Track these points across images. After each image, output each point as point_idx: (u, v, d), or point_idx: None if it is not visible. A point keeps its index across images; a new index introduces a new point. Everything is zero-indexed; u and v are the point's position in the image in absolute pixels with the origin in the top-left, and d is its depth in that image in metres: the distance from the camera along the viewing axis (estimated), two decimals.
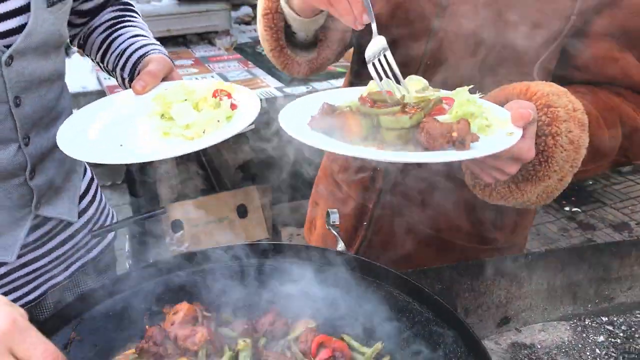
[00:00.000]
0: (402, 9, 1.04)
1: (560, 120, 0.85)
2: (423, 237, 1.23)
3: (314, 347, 0.77)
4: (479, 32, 0.98)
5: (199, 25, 2.62)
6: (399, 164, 1.15)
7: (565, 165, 0.87)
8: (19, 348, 0.60)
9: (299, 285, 0.88)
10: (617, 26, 0.97)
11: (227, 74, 2.29)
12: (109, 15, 1.21)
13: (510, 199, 0.93)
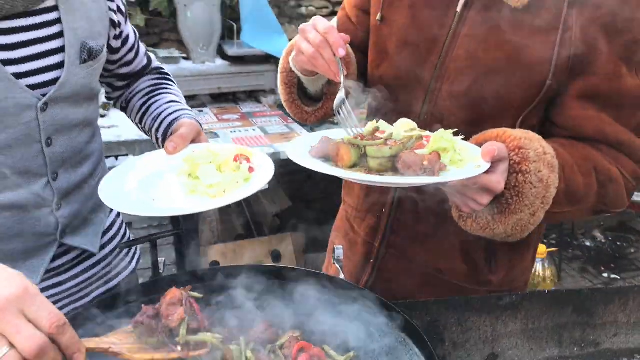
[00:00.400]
0: (404, 73, 1.20)
1: (530, 161, 0.98)
2: (424, 277, 1.34)
3: (294, 351, 0.89)
4: (468, 93, 1.12)
5: (247, 84, 2.89)
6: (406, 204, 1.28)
7: (536, 201, 1.00)
8: (30, 310, 0.69)
9: (293, 302, 1.01)
10: (591, 90, 1.09)
11: (267, 128, 2.52)
12: (148, 82, 1.38)
13: (488, 230, 1.06)
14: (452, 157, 0.95)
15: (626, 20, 1.08)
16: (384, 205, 1.32)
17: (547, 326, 1.21)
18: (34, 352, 0.68)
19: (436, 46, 1.16)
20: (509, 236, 1.07)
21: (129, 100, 1.38)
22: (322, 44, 1.06)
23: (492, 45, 1.11)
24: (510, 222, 1.03)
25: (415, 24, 1.19)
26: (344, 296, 1.02)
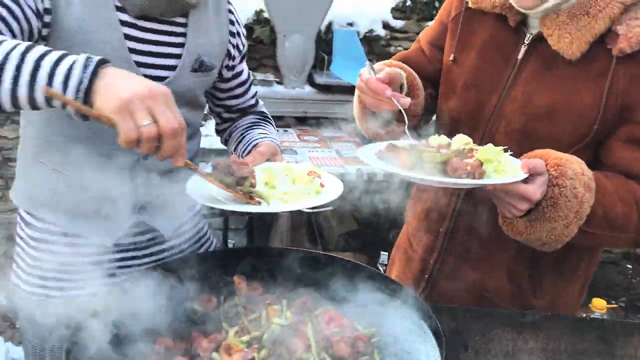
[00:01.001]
0: (468, 109, 1.36)
1: (567, 177, 1.11)
2: (471, 296, 1.44)
3: (326, 319, 1.06)
4: (522, 131, 1.25)
5: (331, 112, 3.11)
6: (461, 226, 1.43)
7: (570, 214, 1.12)
8: (171, 106, 0.89)
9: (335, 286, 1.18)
10: (637, 135, 1.20)
11: (342, 151, 2.72)
12: (249, 119, 1.52)
13: (525, 234, 1.18)
14: (496, 167, 1.10)
15: None
16: (442, 225, 1.46)
17: (566, 349, 1.29)
18: (170, 131, 0.87)
19: (497, 88, 1.31)
20: (544, 244, 1.19)
21: (230, 133, 1.53)
22: (374, 94, 1.23)
23: (546, 90, 1.24)
24: (544, 230, 1.15)
25: (481, 68, 1.34)
26: (382, 288, 1.18)
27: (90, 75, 0.87)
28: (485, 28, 1.36)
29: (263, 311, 1.08)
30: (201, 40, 1.29)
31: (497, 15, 1.33)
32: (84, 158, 1.21)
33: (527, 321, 1.30)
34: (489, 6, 1.33)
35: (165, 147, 0.89)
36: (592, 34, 1.18)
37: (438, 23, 1.51)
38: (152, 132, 0.86)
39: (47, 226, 1.30)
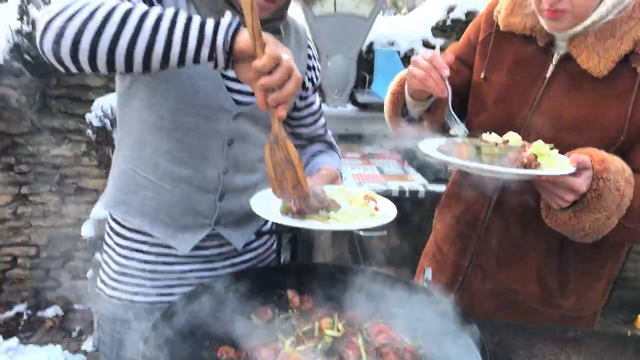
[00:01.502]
0: (499, 124, 1.43)
1: (610, 171, 1.19)
2: (502, 296, 1.52)
3: (375, 331, 1.13)
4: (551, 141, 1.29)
5: (372, 129, 3.19)
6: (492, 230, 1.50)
7: (612, 205, 1.20)
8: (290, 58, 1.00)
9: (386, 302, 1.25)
10: None
11: (384, 168, 2.79)
12: (316, 148, 1.60)
13: (569, 225, 1.26)
14: (547, 161, 1.19)
15: None
16: (474, 229, 1.54)
17: None
18: (299, 76, 1.01)
19: (527, 104, 1.40)
20: (586, 234, 1.26)
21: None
22: (430, 67, 1.31)
23: (573, 106, 1.33)
24: (588, 220, 1.22)
25: (511, 85, 1.44)
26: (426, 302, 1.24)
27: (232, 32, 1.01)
28: (515, 48, 1.45)
29: (316, 323, 1.16)
30: None
31: (525, 37, 1.42)
32: (173, 169, 1.33)
33: (569, 337, 1.34)
34: (520, 29, 1.43)
35: (290, 85, 1.01)
36: (618, 54, 1.27)
37: (466, 41, 1.61)
38: (290, 64, 1.00)
39: (134, 235, 1.41)
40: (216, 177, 1.38)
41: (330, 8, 3.10)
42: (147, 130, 1.34)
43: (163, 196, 1.36)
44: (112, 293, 1.44)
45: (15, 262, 3.57)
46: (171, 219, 1.38)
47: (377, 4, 3.08)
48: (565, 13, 1.27)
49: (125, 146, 1.39)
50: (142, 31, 0.99)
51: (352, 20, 3.11)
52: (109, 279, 1.45)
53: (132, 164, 1.37)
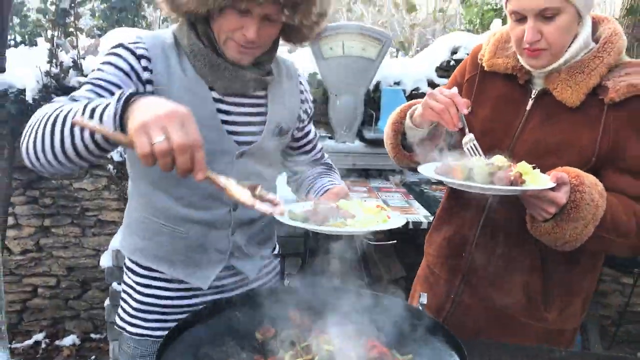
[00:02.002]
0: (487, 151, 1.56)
1: (585, 185, 1.34)
2: (492, 311, 1.63)
3: (368, 347, 1.23)
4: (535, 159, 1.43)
5: (378, 164, 3.32)
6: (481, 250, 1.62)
7: (588, 215, 1.34)
8: (188, 125, 0.96)
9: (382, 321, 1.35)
10: (626, 167, 1.44)
11: (389, 200, 2.90)
12: (317, 170, 1.70)
13: (551, 234, 1.39)
14: (530, 178, 1.33)
15: None
16: (464, 250, 1.66)
17: None
18: (181, 147, 0.94)
19: (509, 134, 1.57)
20: (566, 242, 1.39)
21: (300, 183, 1.71)
22: (450, 103, 1.46)
23: (551, 133, 1.50)
24: (568, 229, 1.36)
25: (495, 117, 1.60)
26: (418, 323, 1.34)
27: (122, 105, 1.00)
28: (498, 86, 1.62)
29: (314, 339, 1.26)
30: (279, 109, 1.50)
31: (507, 76, 1.60)
32: (185, 213, 1.43)
33: (554, 357, 1.43)
34: (502, 68, 1.60)
35: (178, 161, 0.96)
36: (587, 87, 1.45)
37: (453, 81, 1.78)
38: (162, 147, 0.94)
39: (151, 273, 1.50)
40: (227, 214, 1.47)
41: (339, 51, 3.27)
42: (157, 180, 1.43)
43: (178, 239, 1.45)
44: (133, 330, 1.52)
45: (36, 292, 3.70)
46: (188, 259, 1.47)
47: (383, 47, 3.25)
48: (544, 51, 1.45)
49: (136, 197, 1.49)
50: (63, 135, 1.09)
51: (360, 62, 3.28)
52: (129, 317, 1.53)
53: (146, 212, 1.47)
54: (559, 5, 1.39)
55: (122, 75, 1.30)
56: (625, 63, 1.49)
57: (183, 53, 1.38)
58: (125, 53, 1.33)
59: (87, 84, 1.28)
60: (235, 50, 1.34)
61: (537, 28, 1.42)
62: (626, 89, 1.42)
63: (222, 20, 1.31)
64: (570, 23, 1.42)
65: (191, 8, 1.29)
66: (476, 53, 1.71)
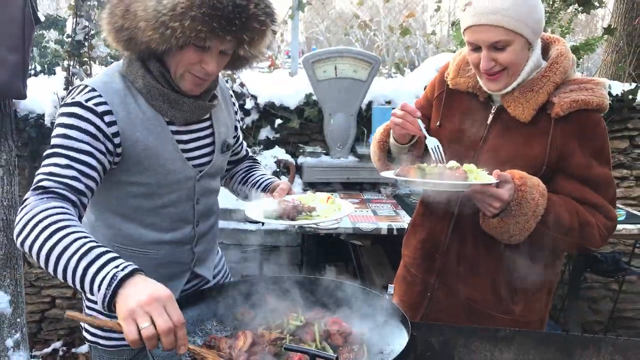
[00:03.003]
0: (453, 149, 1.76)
1: (527, 185, 1.54)
2: (465, 307, 1.81)
3: (330, 322, 1.44)
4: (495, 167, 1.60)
5: (371, 177, 3.53)
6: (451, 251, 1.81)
7: (529, 212, 1.53)
8: (169, 307, 1.05)
9: (352, 306, 1.56)
10: (572, 174, 1.62)
11: (378, 210, 3.10)
12: (246, 164, 1.89)
13: (498, 228, 1.58)
14: (476, 176, 1.52)
15: (591, 133, 1.62)
16: (437, 251, 1.85)
17: (534, 359, 1.58)
18: (165, 330, 1.03)
19: (474, 145, 1.75)
20: (511, 236, 1.58)
21: (232, 176, 1.88)
22: (405, 114, 1.67)
23: (507, 145, 1.69)
24: (512, 223, 1.55)
25: (461, 130, 1.78)
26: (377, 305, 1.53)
27: (112, 291, 1.07)
28: (462, 102, 1.81)
29: (285, 317, 1.48)
30: (222, 129, 1.64)
31: (470, 93, 1.78)
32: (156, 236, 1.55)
33: (501, 335, 1.60)
34: (464, 87, 1.79)
35: (164, 342, 1.05)
36: (536, 104, 1.63)
37: (424, 98, 1.99)
38: (149, 332, 1.03)
39: None
40: (191, 231, 1.62)
41: (332, 73, 3.51)
42: (128, 212, 1.51)
43: (149, 259, 1.55)
44: (106, 342, 1.63)
45: (54, 302, 3.94)
46: (159, 275, 1.51)
47: (372, 69, 3.49)
48: (501, 73, 1.62)
49: (103, 228, 1.54)
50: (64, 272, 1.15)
51: (351, 83, 3.51)
52: (101, 331, 1.62)
53: (114, 241, 1.53)
54: (509, 37, 1.55)
55: (89, 138, 1.34)
56: (570, 80, 1.65)
57: (136, 92, 1.44)
58: (87, 114, 1.35)
59: (58, 156, 1.31)
60: (191, 82, 1.43)
61: (490, 57, 1.59)
62: (569, 104, 1.59)
63: (181, 56, 1.38)
64: (520, 50, 1.59)
65: (151, 46, 1.34)
66: (443, 72, 1.90)
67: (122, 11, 1.36)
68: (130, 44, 1.38)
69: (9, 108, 2.62)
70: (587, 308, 4.18)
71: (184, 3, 1.28)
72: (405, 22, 4.41)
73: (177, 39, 1.30)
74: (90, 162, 1.34)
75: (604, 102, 1.61)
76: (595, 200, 1.62)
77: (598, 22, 12.58)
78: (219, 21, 1.29)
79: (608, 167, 1.65)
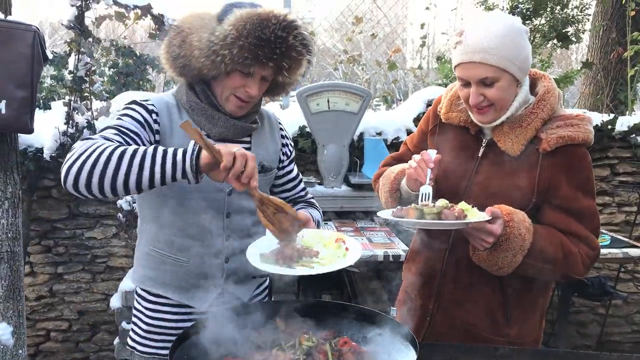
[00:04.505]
0: (446, 191, 1.84)
1: (514, 221, 1.62)
2: (462, 330, 1.88)
3: (340, 343, 1.52)
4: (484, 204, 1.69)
5: (364, 206, 3.63)
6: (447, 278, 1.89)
7: (516, 246, 1.61)
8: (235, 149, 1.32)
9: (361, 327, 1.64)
10: (559, 206, 1.71)
11: (373, 238, 3.20)
12: (298, 207, 1.92)
13: (487, 260, 1.66)
14: (470, 214, 1.59)
15: (578, 166, 1.71)
16: (434, 278, 1.93)
17: None
18: (246, 155, 1.33)
19: (466, 176, 1.85)
20: (500, 268, 1.67)
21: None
22: (421, 160, 1.74)
23: (498, 177, 1.78)
24: (500, 257, 1.64)
25: (453, 162, 1.87)
26: (383, 325, 1.62)
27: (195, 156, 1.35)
28: (455, 136, 1.90)
29: (297, 338, 1.55)
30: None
31: (461, 127, 1.88)
32: (185, 243, 1.69)
33: (499, 354, 1.70)
34: (456, 122, 1.89)
35: (249, 164, 1.35)
36: (525, 139, 1.73)
37: (419, 132, 2.08)
38: (242, 151, 1.33)
39: (158, 299, 1.76)
40: (221, 245, 1.70)
41: (324, 106, 3.64)
42: (162, 217, 1.67)
43: (180, 267, 1.70)
44: (142, 349, 1.79)
45: (49, 336, 3.94)
46: (188, 284, 1.71)
47: (363, 102, 3.63)
48: (489, 108, 1.72)
49: (144, 233, 1.75)
50: (132, 169, 1.36)
51: (344, 116, 3.64)
52: (139, 337, 1.79)
53: (152, 245, 1.71)
54: (497, 74, 1.65)
55: (138, 125, 1.58)
56: (557, 116, 1.74)
57: (182, 110, 1.67)
58: (139, 108, 1.62)
59: (111, 128, 1.54)
60: (234, 104, 1.63)
61: (479, 92, 1.69)
62: (556, 140, 1.69)
63: (228, 80, 1.58)
64: (508, 87, 1.68)
65: (203, 71, 1.56)
66: (436, 106, 2.00)
67: (180, 42, 1.59)
68: (184, 69, 1.60)
69: (15, 142, 2.68)
70: (575, 332, 4.28)
71: (234, 34, 1.50)
72: (392, 57, 4.58)
73: (225, 65, 1.52)
74: (137, 139, 1.55)
75: (589, 137, 1.71)
76: (579, 232, 1.71)
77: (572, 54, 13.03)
78: (263, 50, 1.51)
79: (593, 198, 1.75)
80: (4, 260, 2.62)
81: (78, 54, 3.26)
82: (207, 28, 1.54)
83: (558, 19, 4.43)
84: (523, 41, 1.68)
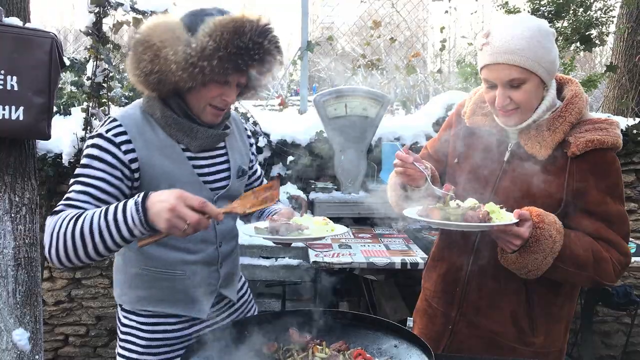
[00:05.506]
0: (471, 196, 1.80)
1: (545, 223, 1.57)
2: (486, 339, 1.83)
3: (355, 354, 1.48)
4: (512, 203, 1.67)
5: (382, 212, 3.58)
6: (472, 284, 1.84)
7: (546, 248, 1.57)
8: (188, 201, 1.26)
9: (369, 337, 1.60)
10: (588, 211, 1.67)
11: (390, 245, 3.15)
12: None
13: (516, 263, 1.61)
14: (497, 216, 1.55)
15: (607, 171, 1.67)
16: (458, 284, 1.88)
17: None
18: (196, 221, 1.26)
19: (491, 181, 1.80)
20: (529, 271, 1.62)
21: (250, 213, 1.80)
22: (401, 162, 1.72)
23: (526, 180, 1.72)
24: (530, 259, 1.59)
25: (479, 166, 1.83)
26: (399, 336, 1.59)
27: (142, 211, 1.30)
28: (479, 139, 1.86)
29: (309, 350, 1.51)
30: (237, 155, 1.78)
31: (486, 130, 1.84)
32: (182, 257, 1.66)
33: None
34: (481, 124, 1.85)
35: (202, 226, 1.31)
36: (553, 143, 1.69)
37: (442, 135, 2.04)
38: (190, 230, 1.29)
39: (156, 312, 1.71)
40: (215, 251, 1.73)
41: (342, 111, 3.62)
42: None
43: (178, 281, 1.67)
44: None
45: (67, 340, 3.96)
46: (187, 296, 1.69)
47: (382, 107, 3.59)
48: (515, 111, 1.68)
49: (133, 253, 1.68)
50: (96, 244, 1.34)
51: (361, 121, 3.62)
52: (137, 355, 1.71)
53: (144, 265, 1.67)
54: (524, 76, 1.62)
55: (107, 167, 1.51)
56: (585, 120, 1.71)
57: (155, 125, 1.60)
58: (106, 144, 1.52)
59: (77, 183, 1.50)
60: (212, 114, 1.61)
61: (506, 94, 1.66)
62: (585, 144, 1.64)
63: (204, 91, 1.55)
64: (535, 89, 1.66)
65: (179, 85, 1.51)
66: (460, 109, 1.96)
67: (151, 57, 1.50)
68: (159, 85, 1.53)
69: (32, 148, 2.70)
70: (600, 342, 4.16)
71: (212, 45, 1.45)
72: (412, 61, 4.53)
73: (204, 76, 1.48)
74: (104, 187, 1.50)
75: (617, 141, 1.67)
76: (609, 237, 1.66)
77: (596, 57, 12.77)
78: (242, 58, 1.49)
79: (622, 204, 1.70)
80: (22, 266, 2.63)
81: (96, 60, 3.28)
82: (180, 40, 1.48)
83: (581, 21, 4.33)
84: (550, 44, 1.65)
